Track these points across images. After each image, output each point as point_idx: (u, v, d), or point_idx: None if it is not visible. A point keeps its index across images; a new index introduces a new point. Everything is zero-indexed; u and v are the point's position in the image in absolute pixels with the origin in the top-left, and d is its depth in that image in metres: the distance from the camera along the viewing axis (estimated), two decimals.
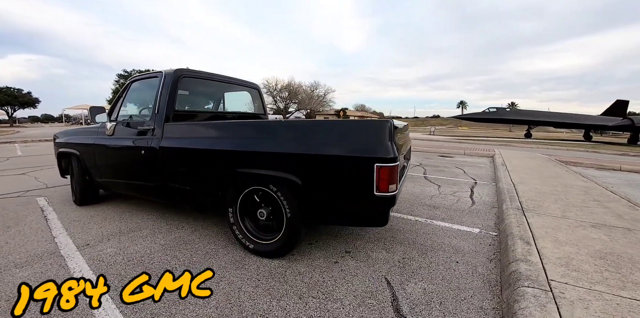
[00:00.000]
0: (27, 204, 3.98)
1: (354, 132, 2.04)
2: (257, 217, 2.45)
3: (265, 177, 2.27)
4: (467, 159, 9.18)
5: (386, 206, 1.98)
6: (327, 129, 2.15)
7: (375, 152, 1.90)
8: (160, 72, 2.99)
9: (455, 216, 3.55)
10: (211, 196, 2.61)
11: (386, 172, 1.88)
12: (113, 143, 3.26)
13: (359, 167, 1.93)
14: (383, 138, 1.94)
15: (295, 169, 2.12)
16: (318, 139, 2.10)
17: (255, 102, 4.35)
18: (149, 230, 3.02)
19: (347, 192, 2.02)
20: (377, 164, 1.87)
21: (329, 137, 2.08)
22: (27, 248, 2.61)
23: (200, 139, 2.62)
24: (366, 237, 2.83)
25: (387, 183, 1.89)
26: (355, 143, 1.97)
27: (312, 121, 2.26)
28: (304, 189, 2.10)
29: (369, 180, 1.90)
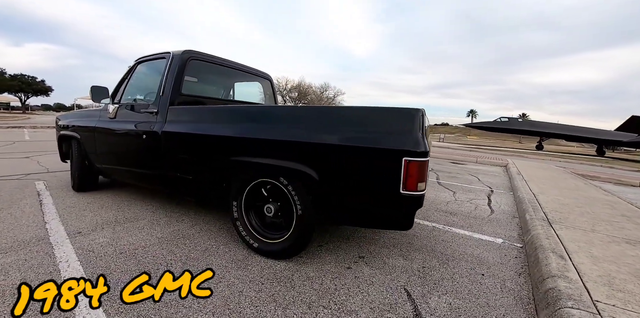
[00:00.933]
0: (24, 187, 3.82)
1: (380, 121, 1.80)
2: (264, 213, 2.22)
3: (275, 168, 2.05)
4: (480, 168, 8.89)
5: (412, 207, 1.74)
6: (349, 116, 1.90)
7: (404, 144, 1.66)
8: (168, 53, 2.80)
9: (474, 224, 3.29)
10: (214, 188, 2.40)
11: (415, 168, 1.64)
12: (114, 126, 3.07)
13: (385, 161, 1.70)
14: (413, 128, 1.69)
15: (310, 161, 1.89)
16: (338, 127, 1.87)
17: (266, 93, 4.15)
18: (146, 220, 2.81)
19: (369, 189, 1.79)
20: (405, 158, 1.63)
21: (351, 125, 1.84)
22: (15, 232, 2.43)
23: (204, 124, 2.41)
24: (381, 242, 2.59)
25: (415, 180, 1.65)
26: (381, 133, 1.74)
27: (333, 107, 2.03)
28: (320, 184, 1.87)
29: (395, 176, 1.66)
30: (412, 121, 1.71)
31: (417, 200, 1.71)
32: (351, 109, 1.95)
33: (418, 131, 1.69)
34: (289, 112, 2.20)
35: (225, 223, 2.82)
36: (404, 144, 1.66)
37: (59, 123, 3.96)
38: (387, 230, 1.99)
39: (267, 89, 4.12)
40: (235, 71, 3.50)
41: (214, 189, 2.40)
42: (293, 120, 2.06)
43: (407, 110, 1.74)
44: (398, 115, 1.77)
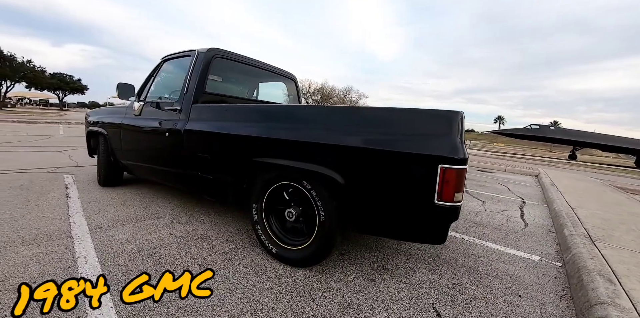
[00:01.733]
0: (54, 180, 3.93)
1: (414, 123, 1.66)
2: (285, 218, 2.13)
3: (297, 171, 1.94)
4: (509, 176, 8.46)
5: (447, 220, 1.59)
6: (380, 117, 1.77)
7: (441, 150, 1.51)
8: (193, 51, 2.78)
9: (507, 238, 3.06)
10: (234, 189, 2.33)
11: (452, 176, 1.49)
12: (139, 123, 3.08)
13: (418, 167, 1.56)
14: (451, 132, 1.55)
15: (336, 165, 1.77)
16: (367, 129, 1.74)
17: (290, 94, 4.08)
18: (166, 219, 2.79)
19: (399, 198, 1.64)
20: (441, 165, 1.49)
21: (381, 127, 1.71)
22: (40, 224, 2.46)
23: (226, 122, 2.35)
24: (406, 253, 2.44)
25: (452, 190, 1.51)
26: (415, 136, 1.59)
27: (362, 108, 1.90)
28: (345, 190, 1.75)
29: (430, 185, 1.52)
30: (450, 124, 1.57)
31: (452, 212, 1.55)
32: (383, 110, 1.81)
33: (456, 135, 1.54)
34: (314, 112, 2.09)
35: (245, 225, 2.76)
36: (441, 150, 1.51)
37: (88, 119, 4.05)
38: (417, 242, 1.81)
39: (292, 90, 4.05)
40: (260, 71, 3.45)
41: (234, 191, 2.33)
42: (318, 120, 1.95)
43: (445, 112, 1.59)
44: (435, 118, 1.63)
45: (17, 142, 7.49)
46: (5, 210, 2.73)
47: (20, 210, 2.76)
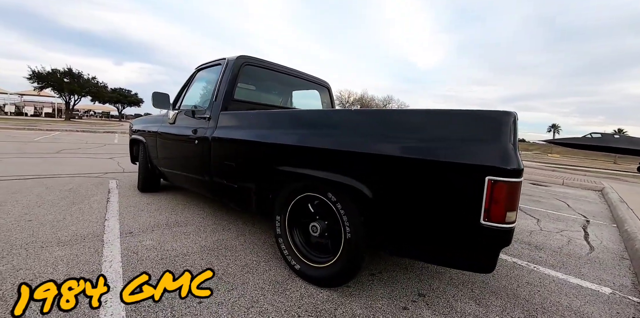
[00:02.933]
0: (99, 184, 4.16)
1: (456, 127, 1.43)
2: (309, 232, 1.98)
3: (321, 181, 1.79)
4: (568, 191, 7.59)
5: (496, 245, 1.33)
6: (415, 122, 1.56)
7: (488, 158, 1.27)
8: (224, 59, 2.79)
9: (569, 264, 2.63)
10: (258, 199, 2.23)
11: (503, 191, 1.24)
12: (172, 131, 3.15)
13: (460, 179, 1.33)
14: (501, 137, 1.29)
15: (364, 175, 1.59)
16: (400, 135, 1.54)
17: (324, 101, 3.97)
18: (194, 226, 2.77)
19: (438, 216, 1.41)
20: (489, 178, 1.25)
21: (416, 132, 1.50)
22: (77, 226, 2.55)
23: (249, 129, 2.28)
24: (446, 277, 2.16)
25: (503, 208, 1.25)
26: (458, 142, 1.36)
27: (394, 111, 1.69)
28: (374, 204, 1.56)
29: (474, 201, 1.28)
30: (500, 127, 1.32)
31: (503, 235, 1.29)
32: (418, 113, 1.59)
33: (508, 141, 1.29)
34: (339, 117, 1.93)
35: (271, 236, 2.65)
36: (488, 159, 1.27)
37: (132, 127, 4.26)
38: (459, 269, 1.54)
39: (325, 98, 3.95)
40: (291, 78, 3.39)
41: (258, 200, 2.23)
42: (344, 126, 1.79)
43: (494, 113, 1.35)
44: (481, 120, 1.39)
45: (77, 149, 8.20)
46: (51, 211, 2.90)
47: (64, 212, 2.90)
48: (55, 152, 7.29)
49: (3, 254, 1.99)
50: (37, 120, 24.13)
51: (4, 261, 1.90)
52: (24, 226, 2.49)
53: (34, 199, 3.26)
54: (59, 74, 27.10)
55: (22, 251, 2.05)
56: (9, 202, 3.11)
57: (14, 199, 3.22)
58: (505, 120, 1.32)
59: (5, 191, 3.49)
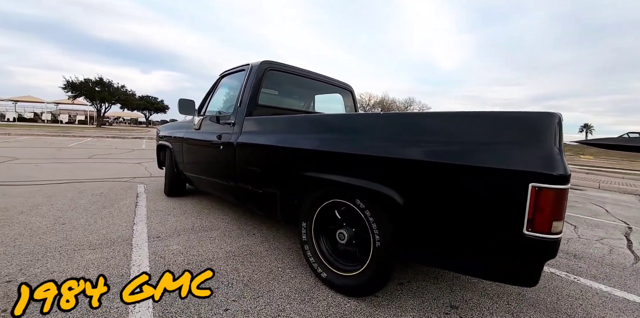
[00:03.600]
0: (128, 189, 4.29)
1: (495, 130, 1.34)
2: (336, 239, 1.92)
3: (349, 188, 1.73)
4: (605, 195, 7.13)
5: (541, 257, 1.22)
6: (450, 125, 1.48)
7: (532, 164, 1.18)
8: (247, 65, 2.81)
9: (612, 275, 2.44)
10: (284, 205, 2.21)
11: (550, 199, 1.15)
12: (197, 136, 3.20)
13: (501, 186, 1.24)
14: (546, 141, 1.20)
15: (394, 182, 1.52)
16: (435, 139, 1.47)
17: (347, 105, 3.93)
18: (219, 231, 2.79)
19: (476, 225, 1.33)
20: (533, 185, 1.16)
21: (452, 137, 1.42)
22: (108, 230, 2.63)
23: (274, 135, 2.27)
24: (480, 287, 2.05)
25: (548, 217, 1.16)
26: (497, 147, 1.28)
27: (426, 114, 1.62)
28: (405, 212, 1.49)
29: (517, 210, 1.19)
30: (544, 130, 1.23)
31: (548, 247, 1.19)
32: (453, 115, 1.51)
33: (553, 145, 1.20)
34: (368, 120, 1.87)
35: (296, 242, 2.62)
36: (532, 164, 1.18)
37: (159, 133, 4.39)
38: (498, 282, 1.42)
39: (348, 101, 3.91)
40: (315, 82, 3.38)
41: (283, 207, 2.21)
42: (373, 130, 1.73)
43: (537, 115, 1.25)
44: (523, 122, 1.29)
45: (107, 154, 8.56)
46: (83, 215, 3.00)
47: (95, 216, 3.00)
48: (87, 157, 7.64)
49: (38, 257, 2.06)
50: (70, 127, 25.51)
51: (39, 263, 1.97)
52: (58, 229, 2.59)
53: (67, 203, 3.40)
54: (91, 83, 28.58)
55: (56, 254, 2.12)
56: (45, 205, 3.25)
57: (50, 202, 3.37)
58: (549, 122, 1.23)
59: (41, 195, 3.67)
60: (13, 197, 3.52)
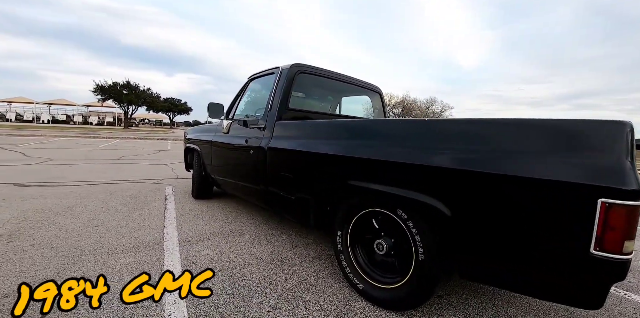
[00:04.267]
0: (157, 191, 4.36)
1: (559, 140, 1.22)
2: (373, 249, 1.84)
3: (391, 197, 1.64)
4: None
5: (609, 278, 1.10)
6: (506, 133, 1.36)
7: (602, 177, 1.06)
8: (277, 68, 2.77)
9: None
10: (317, 212, 2.15)
11: (621, 216, 1.03)
12: (227, 140, 3.18)
13: (566, 201, 1.13)
14: (617, 152, 1.09)
15: (442, 193, 1.43)
16: (489, 148, 1.35)
17: (375, 107, 3.84)
18: (248, 236, 2.76)
19: (537, 242, 1.21)
20: (603, 200, 1.04)
21: (510, 146, 1.31)
22: (139, 233, 2.65)
23: (309, 140, 2.20)
24: (523, 303, 1.90)
25: (620, 236, 1.04)
26: (561, 158, 1.17)
27: (480, 121, 1.50)
28: (454, 224, 1.39)
29: (584, 227, 1.08)
30: (613, 141, 1.11)
31: (618, 268, 1.06)
32: (509, 123, 1.39)
33: (624, 157, 1.08)
34: (414, 127, 1.76)
35: (326, 249, 2.55)
36: (601, 178, 1.06)
37: (187, 136, 4.44)
38: (557, 303, 1.27)
39: (377, 104, 3.82)
40: (342, 84, 3.30)
41: (316, 214, 2.15)
42: (419, 137, 1.63)
43: (605, 124, 1.13)
44: (590, 132, 1.17)
45: (135, 156, 8.81)
46: (114, 217, 3.05)
47: (126, 218, 3.04)
48: (117, 159, 7.89)
49: (74, 260, 2.09)
50: (100, 128, 26.63)
51: (75, 267, 1.99)
52: (91, 231, 2.63)
53: (99, 205, 3.47)
54: (119, 86, 29.80)
55: (91, 258, 2.14)
56: (78, 207, 3.34)
57: (83, 204, 3.46)
58: (619, 131, 1.10)
59: (75, 196, 3.77)
60: (48, 198, 3.64)
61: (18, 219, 2.85)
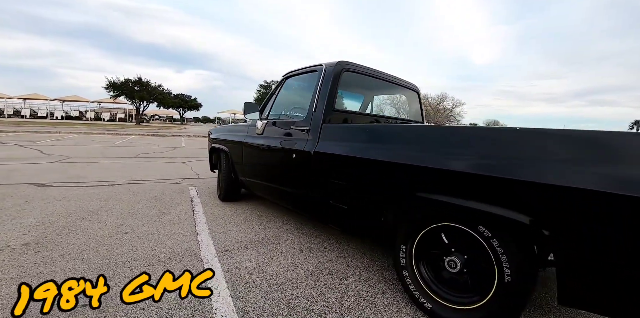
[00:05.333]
0: (181, 192, 4.22)
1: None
2: (441, 264, 1.65)
3: (472, 213, 1.44)
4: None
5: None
6: (616, 145, 1.16)
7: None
8: (320, 66, 2.56)
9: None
10: (374, 223, 1.95)
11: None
12: (262, 142, 2.98)
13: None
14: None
15: (537, 210, 1.23)
16: (593, 158, 1.16)
17: (412, 107, 3.61)
18: (288, 245, 2.58)
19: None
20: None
21: (623, 161, 1.10)
22: (172, 241, 2.50)
23: (366, 145, 2.00)
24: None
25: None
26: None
27: (580, 132, 1.25)
28: (552, 244, 1.21)
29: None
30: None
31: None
32: (621, 136, 1.18)
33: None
34: (502, 136, 1.52)
35: (373, 259, 2.37)
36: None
37: (211, 136, 4.25)
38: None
39: (414, 103, 3.59)
40: (382, 83, 3.08)
41: (374, 225, 1.96)
42: (512, 148, 1.41)
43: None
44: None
45: (151, 153, 8.73)
46: (144, 222, 2.91)
47: (156, 223, 2.89)
48: (134, 156, 7.81)
49: (109, 273, 1.93)
50: (112, 125, 26.80)
51: (112, 282, 1.82)
52: (122, 239, 2.48)
53: (125, 207, 3.34)
54: (131, 83, 29.88)
55: (127, 271, 1.98)
56: (104, 210, 3.20)
57: (107, 207, 3.33)
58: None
59: (98, 198, 3.65)
60: (72, 200, 3.51)
61: (44, 224, 2.72)
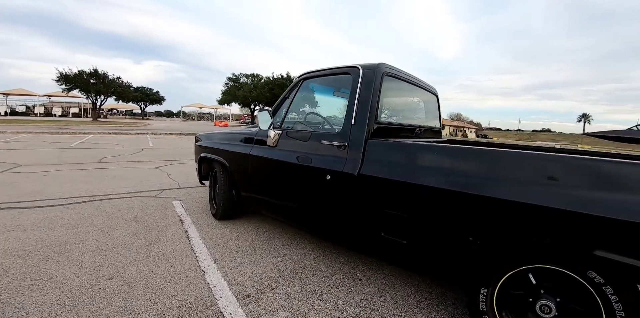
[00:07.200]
0: (164, 209, 3.60)
1: None
2: (527, 308, 1.36)
3: (579, 255, 1.19)
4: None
5: None
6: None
7: None
8: (355, 68, 2.11)
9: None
10: (445, 262, 1.60)
11: None
12: (276, 156, 2.45)
13: None
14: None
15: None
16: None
17: (429, 111, 3.24)
18: (317, 279, 2.15)
19: None
20: None
21: None
22: (175, 287, 1.97)
23: (442, 171, 1.60)
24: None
25: None
26: None
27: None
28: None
29: None
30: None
31: None
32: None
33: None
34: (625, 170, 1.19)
35: (418, 290, 2.00)
36: None
37: (200, 143, 3.60)
38: None
39: (432, 107, 3.23)
40: (410, 86, 2.68)
41: (444, 264, 1.59)
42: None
43: None
44: None
45: (117, 156, 7.78)
46: (130, 259, 2.32)
47: (146, 260, 2.33)
48: (97, 161, 6.87)
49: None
50: (66, 121, 24.31)
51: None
52: (107, 289, 1.91)
53: (101, 237, 2.69)
54: (85, 75, 27.26)
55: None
56: (74, 243, 2.54)
57: (78, 238, 2.66)
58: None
59: (63, 225, 2.94)
60: (29, 230, 2.77)
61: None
